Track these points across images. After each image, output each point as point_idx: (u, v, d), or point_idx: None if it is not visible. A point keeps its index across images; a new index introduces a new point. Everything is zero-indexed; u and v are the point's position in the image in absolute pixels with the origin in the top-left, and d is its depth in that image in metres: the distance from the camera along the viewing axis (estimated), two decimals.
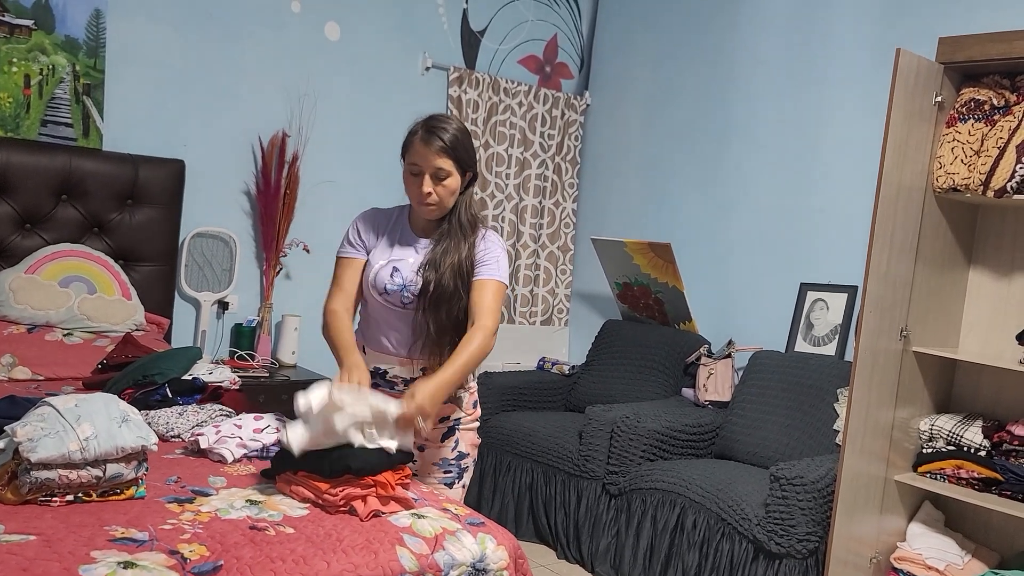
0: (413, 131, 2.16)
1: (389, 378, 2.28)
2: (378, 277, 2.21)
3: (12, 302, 3.06)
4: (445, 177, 2.13)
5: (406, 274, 2.20)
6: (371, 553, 1.72)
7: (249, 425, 2.25)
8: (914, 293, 2.98)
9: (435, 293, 2.16)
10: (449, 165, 2.12)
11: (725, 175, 4.18)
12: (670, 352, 4.03)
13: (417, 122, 2.17)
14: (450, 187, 2.15)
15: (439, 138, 2.10)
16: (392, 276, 2.20)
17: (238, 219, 3.86)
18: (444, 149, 2.11)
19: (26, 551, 1.53)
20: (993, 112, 2.86)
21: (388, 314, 2.24)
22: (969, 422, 2.97)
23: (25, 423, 1.77)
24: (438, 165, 2.12)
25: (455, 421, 2.31)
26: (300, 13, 3.93)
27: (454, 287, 2.15)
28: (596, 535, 3.48)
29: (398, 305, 2.22)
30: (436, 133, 2.11)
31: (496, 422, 3.98)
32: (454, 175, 2.14)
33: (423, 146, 2.11)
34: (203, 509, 1.81)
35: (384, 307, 2.24)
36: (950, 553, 2.91)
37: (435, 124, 2.13)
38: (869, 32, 3.63)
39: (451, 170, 2.13)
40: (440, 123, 2.14)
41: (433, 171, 2.12)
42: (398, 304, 2.21)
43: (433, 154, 2.11)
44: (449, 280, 2.15)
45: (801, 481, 2.86)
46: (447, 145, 2.11)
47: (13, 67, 3.30)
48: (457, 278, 2.15)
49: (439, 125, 2.13)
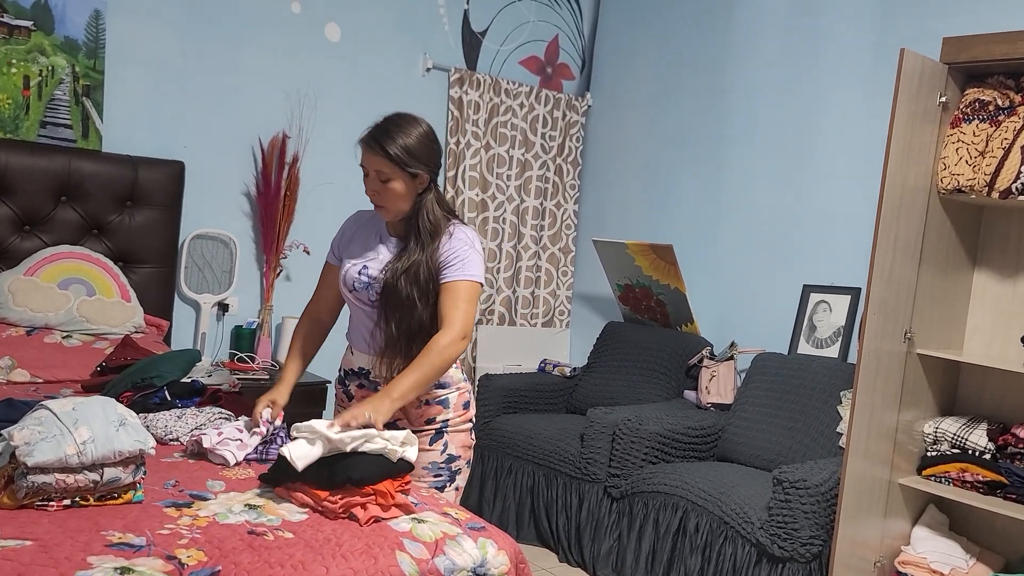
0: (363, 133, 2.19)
1: (372, 378, 2.29)
2: (348, 274, 2.26)
3: (11, 304, 3.05)
4: (387, 180, 2.14)
5: (373, 272, 2.22)
6: (371, 558, 1.70)
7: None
8: (918, 295, 2.96)
9: (387, 299, 2.17)
10: (389, 168, 2.12)
11: (727, 176, 4.16)
12: (672, 354, 4.02)
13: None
14: (395, 190, 2.14)
15: (377, 141, 2.12)
16: (359, 274, 2.24)
17: (238, 221, 3.85)
18: (381, 152, 2.12)
19: (22, 556, 1.51)
20: (998, 113, 2.84)
21: (361, 313, 2.28)
22: (974, 425, 2.95)
23: (22, 427, 1.75)
24: (377, 168, 2.14)
25: (442, 423, 2.29)
26: (300, 14, 3.92)
27: (406, 295, 2.14)
28: (598, 538, 3.46)
29: (367, 303, 2.24)
30: (375, 136, 2.13)
31: (497, 424, 3.96)
32: (397, 179, 2.14)
33: (365, 148, 2.16)
34: (201, 514, 1.79)
35: (356, 306, 2.28)
36: (955, 557, 2.89)
37: (380, 127, 2.15)
38: (871, 33, 3.61)
39: (391, 173, 2.13)
40: (387, 125, 2.15)
41: (375, 173, 2.15)
42: (367, 302, 2.24)
43: (372, 156, 2.14)
44: (403, 287, 2.14)
45: (804, 484, 2.84)
46: (382, 148, 2.11)
47: (12, 68, 3.28)
48: (412, 286, 2.14)
49: (384, 128, 2.14)
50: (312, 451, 1.87)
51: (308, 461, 1.86)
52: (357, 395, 2.33)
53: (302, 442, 1.89)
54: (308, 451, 1.87)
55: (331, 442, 1.87)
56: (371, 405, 2.00)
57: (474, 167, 4.43)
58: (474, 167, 4.43)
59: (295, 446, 1.88)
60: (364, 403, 2.02)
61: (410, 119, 2.20)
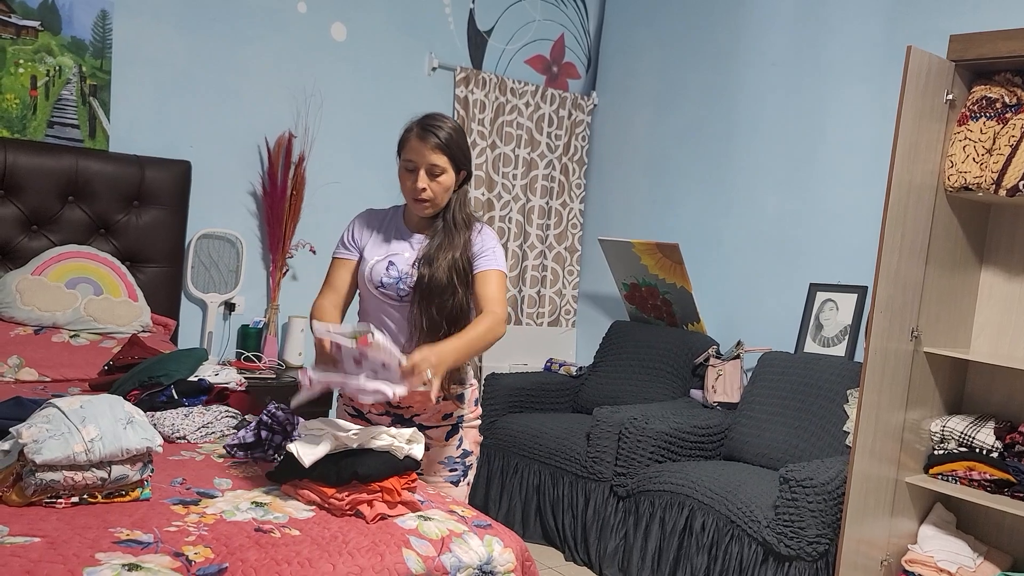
0: (409, 128, 2.20)
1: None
2: (374, 271, 2.25)
3: (19, 303, 3.06)
4: (440, 174, 2.16)
5: (402, 267, 2.23)
6: (377, 555, 1.70)
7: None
8: (925, 293, 2.95)
9: (429, 287, 2.18)
10: (444, 161, 2.16)
11: (733, 175, 4.16)
12: (678, 353, 4.01)
13: (413, 120, 2.21)
14: (444, 183, 2.18)
15: (434, 135, 2.15)
16: (388, 270, 2.24)
17: (244, 220, 3.85)
18: (439, 145, 2.15)
19: (30, 553, 1.52)
20: (1005, 110, 2.83)
21: (385, 308, 2.27)
22: (981, 423, 2.94)
23: (30, 425, 1.76)
24: (433, 161, 2.15)
25: (459, 419, 2.33)
26: (306, 14, 3.93)
27: (447, 281, 2.17)
28: (604, 537, 3.46)
29: (394, 299, 2.24)
30: (431, 130, 2.15)
31: (503, 423, 3.96)
32: (448, 172, 2.18)
33: (419, 142, 2.15)
34: (208, 511, 1.80)
35: (380, 301, 2.27)
36: (962, 556, 2.88)
37: (431, 122, 2.18)
38: (877, 30, 3.60)
39: (446, 167, 2.17)
40: (436, 121, 2.19)
41: (428, 167, 2.16)
42: (394, 297, 2.24)
43: (428, 150, 2.15)
44: (443, 275, 2.17)
45: (811, 483, 2.83)
46: (442, 142, 2.15)
47: (20, 68, 3.30)
48: (452, 273, 2.18)
49: (435, 123, 2.18)
50: (318, 448, 1.88)
51: (315, 458, 1.87)
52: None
53: (309, 439, 1.90)
54: (315, 448, 1.88)
55: (337, 439, 1.88)
56: (428, 362, 1.90)
57: (480, 166, 4.43)
58: (480, 166, 4.43)
59: (302, 443, 1.89)
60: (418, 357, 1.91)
61: (448, 117, 2.24)
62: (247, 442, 2.16)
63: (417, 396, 1.98)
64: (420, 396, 1.98)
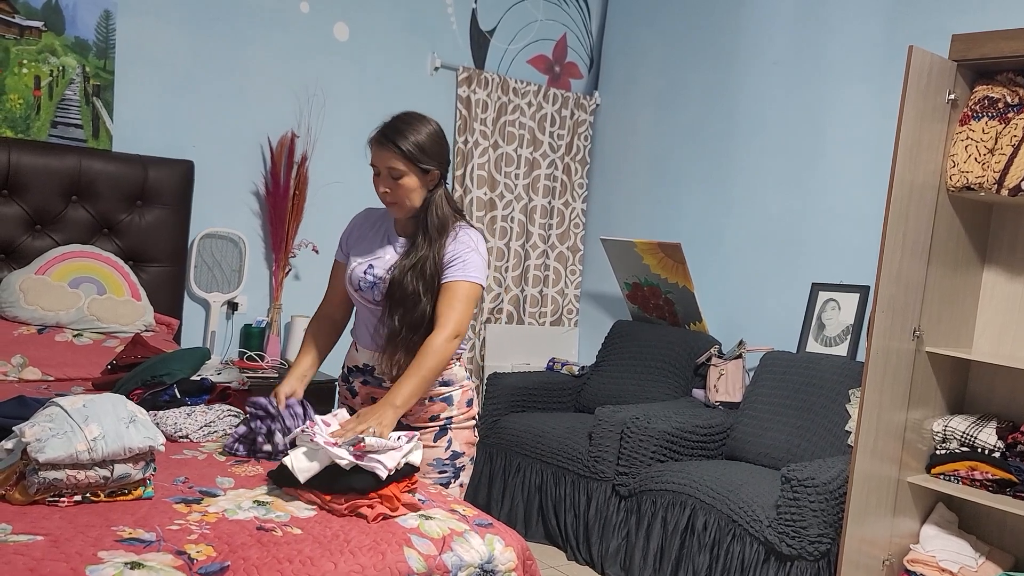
0: (372, 133, 2.22)
1: (376, 374, 2.30)
2: (354, 273, 2.29)
3: (22, 303, 3.07)
4: (399, 176, 2.17)
5: (378, 271, 2.25)
6: (379, 554, 1.71)
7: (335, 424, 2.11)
8: (927, 293, 2.95)
9: (392, 293, 2.20)
10: (402, 164, 2.16)
11: (735, 174, 4.16)
12: (680, 353, 4.02)
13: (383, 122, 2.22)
14: (407, 186, 2.18)
15: (389, 139, 2.16)
16: (365, 274, 2.27)
17: (247, 220, 3.86)
18: (395, 148, 2.15)
19: (33, 551, 1.52)
20: (1007, 110, 2.83)
21: (366, 311, 2.31)
22: (983, 423, 2.94)
23: (33, 423, 1.77)
24: (390, 164, 2.17)
25: (446, 420, 2.32)
26: (309, 13, 3.93)
27: (412, 289, 2.17)
28: (606, 536, 3.47)
29: (371, 302, 2.27)
30: (387, 134, 2.17)
31: (505, 423, 3.97)
32: (410, 174, 2.17)
33: (376, 146, 2.19)
34: (210, 510, 1.80)
35: (362, 304, 2.31)
36: (964, 555, 2.88)
37: (391, 125, 2.19)
38: (878, 30, 3.60)
39: (404, 169, 2.16)
40: (397, 123, 2.19)
41: (387, 170, 2.17)
42: (371, 301, 2.27)
43: (385, 154, 2.17)
44: (409, 282, 2.18)
45: (813, 482, 2.83)
46: (396, 145, 2.15)
47: (23, 68, 3.31)
48: (418, 280, 2.18)
49: (395, 125, 2.18)
50: (313, 465, 1.89)
51: (310, 474, 1.88)
52: (361, 391, 2.35)
53: (304, 454, 1.90)
54: (309, 465, 1.89)
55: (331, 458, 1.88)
56: (375, 417, 2.02)
57: (482, 166, 4.43)
58: (482, 166, 4.43)
59: (297, 458, 1.90)
60: (368, 414, 2.03)
61: (419, 117, 2.24)
62: (240, 433, 2.21)
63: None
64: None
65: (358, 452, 1.89)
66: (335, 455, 1.87)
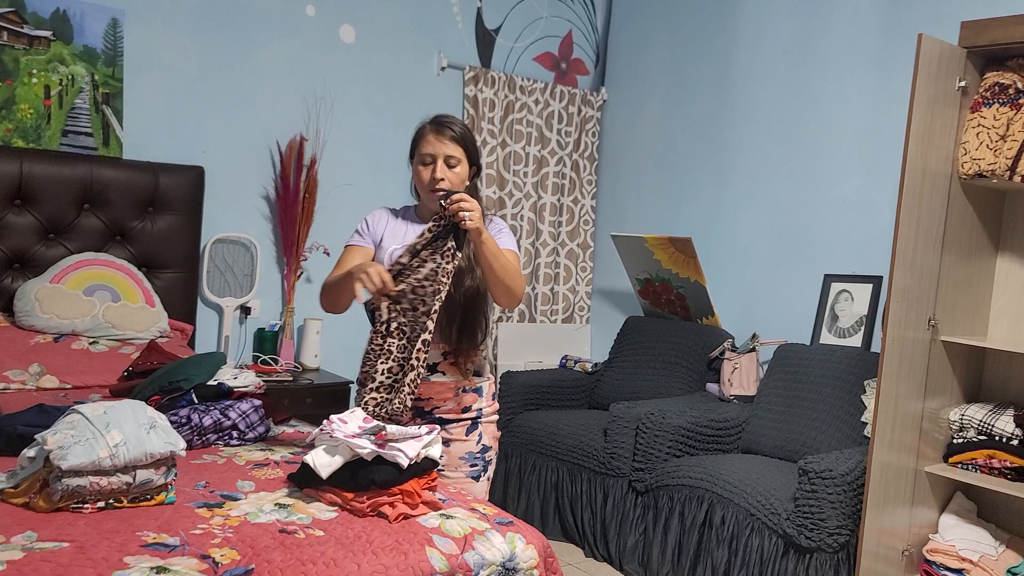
0: (422, 126, 2.33)
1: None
2: (392, 255, 2.31)
3: (38, 312, 3.09)
4: (455, 164, 2.28)
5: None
6: (401, 554, 1.72)
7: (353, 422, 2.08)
8: (941, 281, 2.94)
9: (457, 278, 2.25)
10: (460, 153, 2.28)
11: (744, 167, 4.15)
12: (693, 347, 4.01)
13: (424, 120, 2.34)
14: (460, 175, 2.29)
15: (449, 128, 2.29)
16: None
17: (258, 224, 3.87)
18: (454, 137, 2.28)
19: (60, 558, 1.54)
20: (1018, 96, 2.81)
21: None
22: (1000, 411, 2.93)
23: (55, 431, 1.78)
24: (449, 152, 2.27)
25: (478, 412, 2.36)
26: (315, 16, 3.94)
27: (468, 263, 2.25)
28: (623, 533, 3.47)
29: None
30: (446, 124, 2.30)
31: (520, 421, 3.97)
32: (463, 163, 2.30)
33: (434, 136, 2.28)
34: (232, 513, 1.81)
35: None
36: (984, 544, 2.87)
37: (443, 118, 2.33)
38: (886, 18, 3.59)
39: (461, 158, 2.29)
40: (448, 118, 2.33)
41: (444, 158, 2.27)
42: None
43: (444, 142, 2.27)
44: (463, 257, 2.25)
45: (830, 474, 2.83)
46: (456, 134, 2.29)
47: (33, 78, 3.32)
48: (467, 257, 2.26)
49: (447, 119, 2.32)
50: (334, 460, 1.90)
51: (331, 469, 1.89)
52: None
53: (324, 450, 1.91)
54: (331, 460, 1.89)
55: (352, 450, 1.89)
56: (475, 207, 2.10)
57: (491, 165, 4.44)
58: (491, 165, 4.44)
59: (318, 455, 1.90)
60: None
61: (456, 116, 2.38)
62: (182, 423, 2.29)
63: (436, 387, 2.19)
64: (439, 387, 2.22)
65: (379, 441, 1.90)
66: (356, 446, 1.88)
